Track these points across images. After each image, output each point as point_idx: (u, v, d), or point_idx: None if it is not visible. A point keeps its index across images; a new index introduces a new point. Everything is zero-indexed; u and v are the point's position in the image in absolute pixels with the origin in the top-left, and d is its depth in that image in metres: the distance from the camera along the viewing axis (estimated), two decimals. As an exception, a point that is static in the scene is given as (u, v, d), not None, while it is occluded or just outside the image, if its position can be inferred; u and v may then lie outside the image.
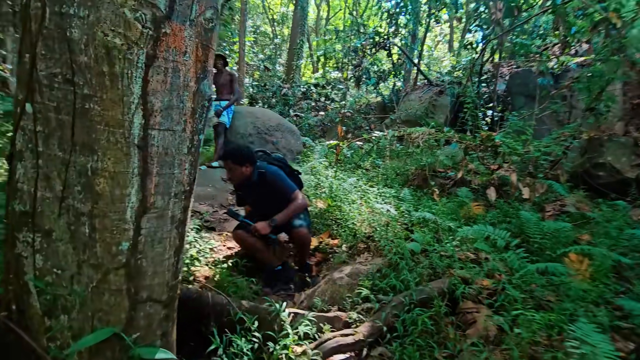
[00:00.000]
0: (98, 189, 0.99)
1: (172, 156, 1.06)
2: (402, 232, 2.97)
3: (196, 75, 1.05)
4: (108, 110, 0.94)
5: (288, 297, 2.63)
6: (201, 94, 1.09)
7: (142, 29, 0.90)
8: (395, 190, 4.16)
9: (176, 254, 1.18)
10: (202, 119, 1.13)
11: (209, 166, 5.36)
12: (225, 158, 2.55)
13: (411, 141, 4.71)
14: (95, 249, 1.03)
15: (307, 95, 9.85)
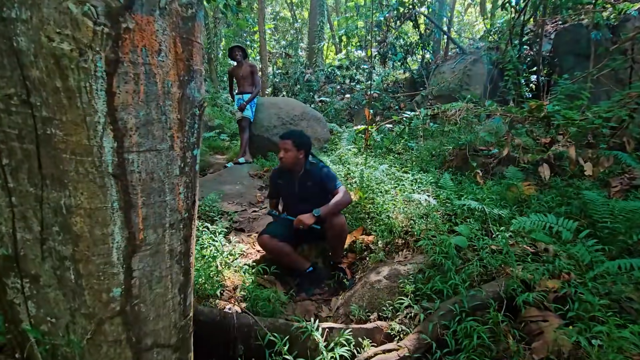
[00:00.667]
0: (76, 229, 0.82)
1: (161, 181, 0.87)
2: (444, 224, 2.67)
3: (179, 78, 0.84)
4: (71, 135, 0.75)
5: (324, 302, 2.46)
6: (189, 100, 0.88)
7: (94, 27, 0.69)
8: (432, 175, 3.82)
9: (182, 290, 1.01)
10: (195, 131, 0.93)
11: (235, 163, 5.27)
12: (286, 137, 2.50)
13: (447, 119, 4.29)
14: (84, 297, 0.88)
15: (331, 79, 9.47)
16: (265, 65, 13.22)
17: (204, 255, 2.36)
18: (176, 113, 0.86)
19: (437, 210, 2.96)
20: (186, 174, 0.93)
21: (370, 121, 5.36)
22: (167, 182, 0.88)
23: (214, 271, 2.22)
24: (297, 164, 2.57)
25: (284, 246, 2.51)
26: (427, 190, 3.40)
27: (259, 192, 4.50)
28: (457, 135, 4.73)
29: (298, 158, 2.53)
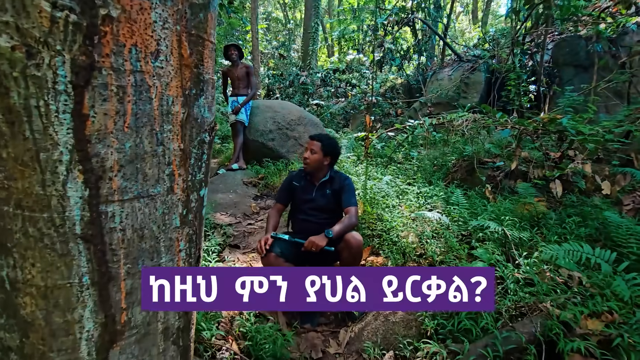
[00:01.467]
0: (24, 313, 0.55)
1: (154, 238, 0.61)
2: (460, 247, 2.46)
3: (183, 92, 0.58)
4: (16, 180, 0.48)
5: (331, 334, 2.21)
6: (196, 123, 0.62)
7: (53, 13, 0.43)
8: (439, 189, 3.61)
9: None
10: (203, 164, 0.67)
11: (228, 169, 4.97)
12: (316, 138, 2.39)
13: (453, 129, 4.11)
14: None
15: (327, 82, 9.25)
16: (258, 65, 12.92)
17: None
18: (178, 142, 0.60)
19: (449, 228, 2.75)
20: (189, 224, 0.67)
21: (370, 128, 5.15)
22: (163, 239, 0.62)
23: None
24: (320, 169, 2.42)
25: (288, 266, 2.25)
26: (436, 206, 3.19)
27: (254, 201, 4.22)
28: (461, 146, 4.56)
29: (322, 163, 2.39)
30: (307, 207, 2.46)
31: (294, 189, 2.53)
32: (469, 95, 7.75)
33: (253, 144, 5.28)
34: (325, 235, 2.13)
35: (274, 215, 2.47)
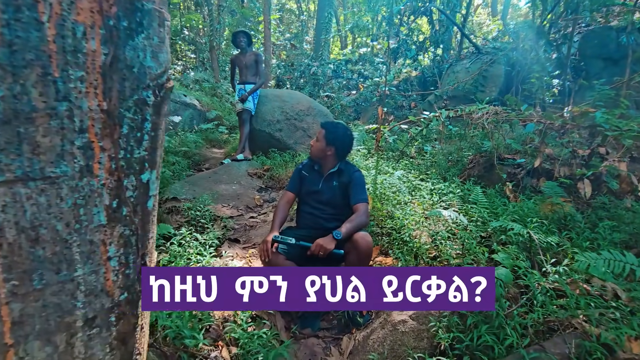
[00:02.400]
0: None
1: (60, 241, 0.41)
2: (479, 249, 2.23)
3: (104, 21, 0.37)
4: None
5: (333, 341, 2.02)
6: (131, 73, 0.41)
7: None
8: (455, 185, 3.36)
9: None
10: (146, 135, 0.46)
11: (233, 159, 4.80)
12: (323, 125, 2.26)
13: (472, 122, 3.84)
14: None
15: (338, 74, 8.97)
16: (270, 56, 12.69)
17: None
18: (98, 99, 0.39)
19: (467, 229, 2.52)
20: (123, 221, 0.47)
21: (382, 120, 4.90)
22: (78, 242, 0.42)
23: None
24: (325, 159, 2.26)
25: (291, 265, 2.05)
26: (452, 204, 2.95)
27: (258, 194, 4.03)
28: (479, 141, 4.28)
29: (325, 153, 2.22)
30: (313, 199, 2.28)
31: (303, 179, 2.35)
32: (487, 88, 7.40)
33: (260, 134, 5.09)
34: (333, 237, 1.92)
35: (282, 207, 2.29)
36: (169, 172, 4.30)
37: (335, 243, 1.90)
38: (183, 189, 3.70)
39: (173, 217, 3.25)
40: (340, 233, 1.91)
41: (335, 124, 2.27)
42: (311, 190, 2.28)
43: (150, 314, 1.41)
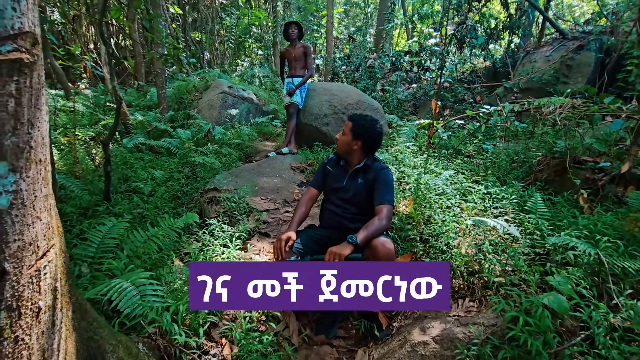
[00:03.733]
0: None
1: None
2: (530, 268, 1.88)
3: None
4: None
5: (347, 352, 1.87)
6: None
7: None
8: (513, 190, 2.92)
9: None
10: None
11: (278, 152, 4.82)
12: (349, 118, 2.12)
13: (541, 117, 3.30)
14: None
15: (397, 66, 8.54)
16: (331, 50, 12.62)
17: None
18: None
19: (518, 242, 2.15)
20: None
21: (436, 115, 4.50)
22: None
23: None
24: (350, 154, 2.10)
25: None
26: (506, 212, 2.56)
27: (298, 188, 3.99)
28: (552, 140, 3.68)
29: (351, 147, 2.07)
30: (337, 196, 2.14)
31: (327, 174, 2.22)
32: (571, 79, 6.41)
33: (306, 127, 5.04)
34: (348, 241, 1.76)
35: (303, 203, 2.19)
36: (218, 162, 4.47)
37: (351, 248, 1.73)
38: (225, 180, 3.81)
39: (212, 207, 3.35)
40: (356, 238, 1.74)
41: (364, 116, 2.09)
42: (335, 187, 2.14)
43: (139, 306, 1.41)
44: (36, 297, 0.57)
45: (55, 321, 0.64)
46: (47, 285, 0.60)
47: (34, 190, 0.52)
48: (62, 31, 10.17)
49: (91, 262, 2.01)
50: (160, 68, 6.03)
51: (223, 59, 13.20)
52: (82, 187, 3.24)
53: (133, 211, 3.01)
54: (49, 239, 0.60)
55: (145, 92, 8.28)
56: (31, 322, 0.56)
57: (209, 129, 5.48)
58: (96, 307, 1.57)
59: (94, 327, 1.10)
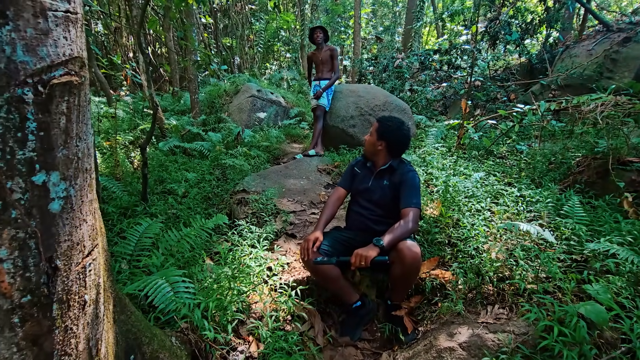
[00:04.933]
0: None
1: None
2: (565, 275, 1.79)
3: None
4: None
5: (372, 355, 1.87)
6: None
7: None
8: (548, 193, 2.79)
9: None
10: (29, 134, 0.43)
11: (305, 154, 4.88)
12: (377, 119, 2.13)
13: (581, 116, 3.12)
14: None
15: (426, 65, 8.36)
16: (359, 51, 12.58)
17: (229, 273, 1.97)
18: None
19: (553, 248, 2.05)
20: (13, 224, 0.45)
21: (467, 115, 4.37)
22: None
23: (231, 295, 1.80)
24: (376, 155, 2.12)
25: (331, 269, 1.96)
26: (540, 216, 2.45)
27: (324, 190, 4.02)
28: (593, 139, 3.47)
29: (376, 147, 2.09)
30: (363, 198, 2.15)
31: (355, 176, 2.25)
32: (616, 74, 5.98)
33: (333, 130, 5.07)
34: (374, 244, 1.76)
35: (331, 204, 2.22)
36: (247, 165, 4.61)
37: (377, 250, 1.73)
38: (254, 182, 3.91)
39: (241, 208, 3.46)
40: (382, 240, 1.73)
41: (390, 118, 2.09)
42: (361, 188, 2.15)
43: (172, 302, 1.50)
44: (82, 292, 0.64)
45: (99, 313, 0.71)
46: (91, 280, 0.67)
47: (81, 196, 0.59)
48: (104, 42, 10.87)
49: (130, 259, 2.15)
50: (193, 74, 6.30)
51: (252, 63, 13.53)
52: (122, 189, 3.45)
53: (168, 212, 3.17)
54: (93, 239, 0.66)
55: (180, 97, 8.66)
56: (78, 313, 0.63)
57: (238, 132, 5.65)
58: (134, 302, 1.68)
59: (132, 320, 1.18)
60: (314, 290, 2.22)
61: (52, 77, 0.46)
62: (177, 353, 1.33)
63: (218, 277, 1.93)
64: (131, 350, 1.13)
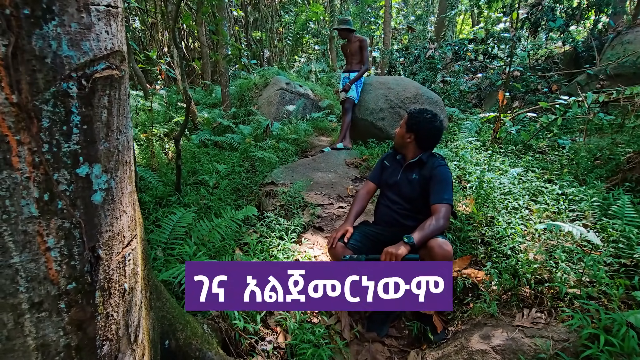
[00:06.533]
0: None
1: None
2: (612, 281, 1.66)
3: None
4: None
5: (399, 352, 1.84)
6: (44, 64, 0.40)
7: None
8: (593, 191, 2.60)
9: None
10: (74, 127, 0.45)
11: (333, 148, 4.85)
12: (408, 111, 2.08)
13: (634, 108, 2.87)
14: None
15: (460, 55, 8.02)
16: (389, 42, 12.28)
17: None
18: (5, 91, 0.39)
19: (598, 250, 1.92)
20: (61, 214, 0.47)
21: (504, 107, 4.16)
22: (10, 232, 0.44)
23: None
24: (405, 147, 2.07)
25: None
26: (584, 216, 2.29)
27: (352, 184, 3.98)
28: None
29: (404, 140, 2.04)
30: (391, 192, 2.10)
31: (385, 169, 2.21)
32: (675, 62, 5.45)
33: (361, 122, 4.99)
34: (404, 241, 1.71)
35: (360, 197, 2.20)
36: (275, 157, 4.65)
37: (408, 248, 1.69)
38: (282, 174, 3.94)
39: (270, 200, 3.51)
40: (412, 238, 1.69)
41: (421, 110, 2.02)
42: (390, 182, 2.10)
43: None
44: (122, 280, 0.66)
45: (137, 301, 0.74)
46: (130, 269, 0.69)
47: (121, 188, 0.61)
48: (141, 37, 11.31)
49: (164, 247, 2.24)
50: (224, 68, 6.41)
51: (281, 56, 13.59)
52: (157, 179, 3.60)
53: (200, 202, 3.27)
54: (132, 229, 0.69)
55: (211, 90, 8.87)
56: (118, 301, 0.65)
57: (267, 124, 5.71)
58: (168, 288, 1.75)
59: (167, 307, 1.23)
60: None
61: (95, 71, 0.47)
62: (209, 340, 1.37)
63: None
64: (166, 335, 1.18)
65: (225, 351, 1.47)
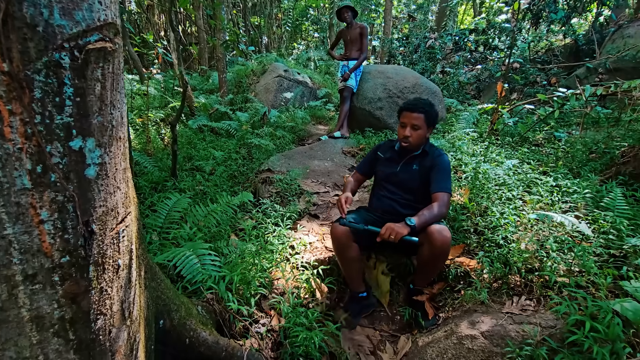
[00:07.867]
0: None
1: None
2: (601, 271, 1.70)
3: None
4: None
5: (390, 337, 1.88)
6: (35, 32, 0.40)
7: None
8: (587, 184, 2.63)
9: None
10: (67, 99, 0.45)
11: (330, 136, 4.84)
12: (418, 108, 1.92)
13: (631, 102, 2.88)
14: None
15: (461, 46, 7.95)
16: (389, 31, 12.13)
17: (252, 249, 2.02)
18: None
19: (589, 241, 1.95)
20: (54, 187, 0.47)
21: (502, 99, 4.15)
22: (1, 202, 0.44)
23: (254, 270, 1.85)
24: (421, 143, 2.01)
25: (354, 248, 1.93)
26: (577, 207, 2.32)
27: (349, 172, 3.99)
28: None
29: (421, 136, 1.96)
30: (389, 182, 2.10)
31: (377, 161, 2.19)
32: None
33: (359, 111, 4.97)
34: (406, 223, 1.72)
35: (352, 184, 2.20)
36: (272, 145, 4.64)
37: (408, 229, 1.70)
38: (279, 162, 3.94)
39: (266, 187, 3.51)
40: (414, 220, 1.70)
41: (429, 103, 2.02)
42: (387, 173, 2.10)
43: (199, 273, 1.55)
44: (116, 256, 0.67)
45: (131, 278, 0.75)
46: (124, 246, 0.70)
47: (115, 164, 0.61)
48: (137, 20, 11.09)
49: (160, 231, 2.24)
50: (221, 53, 6.32)
51: (280, 42, 13.40)
52: (153, 164, 3.58)
53: (196, 188, 3.27)
54: (126, 206, 0.69)
55: (208, 76, 8.76)
56: (112, 276, 0.66)
57: (265, 112, 5.67)
58: (163, 271, 1.76)
59: (162, 288, 1.24)
60: (335, 270, 2.24)
61: (88, 42, 0.47)
62: (203, 321, 1.39)
63: (242, 252, 1.98)
64: (160, 315, 1.19)
65: (219, 333, 1.49)
